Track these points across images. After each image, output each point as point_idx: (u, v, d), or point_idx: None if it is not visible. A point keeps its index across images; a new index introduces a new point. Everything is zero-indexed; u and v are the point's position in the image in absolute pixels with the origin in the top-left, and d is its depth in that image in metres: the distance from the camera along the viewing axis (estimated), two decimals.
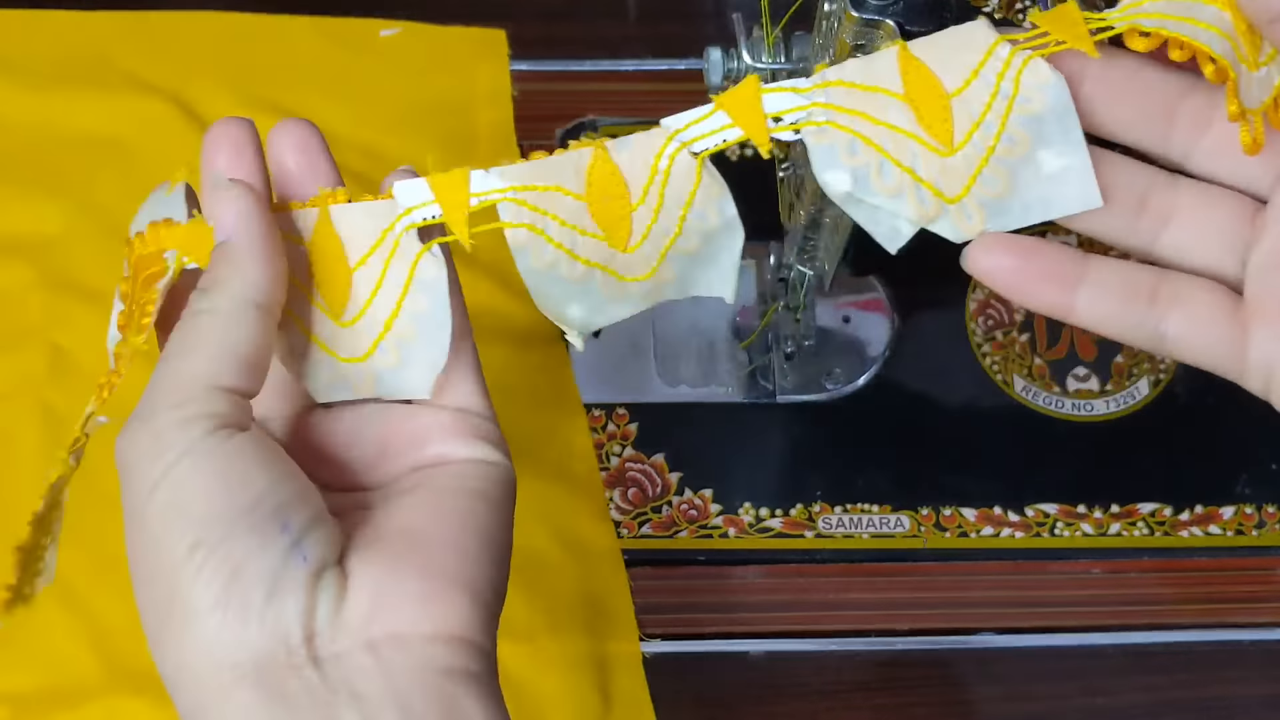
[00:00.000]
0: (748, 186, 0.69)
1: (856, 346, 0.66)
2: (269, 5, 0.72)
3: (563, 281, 0.38)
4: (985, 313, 0.67)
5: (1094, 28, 0.37)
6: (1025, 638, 0.61)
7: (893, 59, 0.39)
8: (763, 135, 0.39)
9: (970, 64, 0.38)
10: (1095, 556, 0.62)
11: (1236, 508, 0.63)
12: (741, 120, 0.40)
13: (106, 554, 0.56)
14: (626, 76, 0.73)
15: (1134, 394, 0.66)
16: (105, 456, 0.37)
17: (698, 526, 0.63)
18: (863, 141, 0.38)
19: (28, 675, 0.59)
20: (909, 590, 0.62)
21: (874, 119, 0.38)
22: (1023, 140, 0.38)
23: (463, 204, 0.38)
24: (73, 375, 0.63)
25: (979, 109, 0.38)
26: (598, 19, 0.75)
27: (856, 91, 0.39)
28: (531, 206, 0.38)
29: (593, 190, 0.39)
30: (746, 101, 0.40)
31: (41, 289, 0.65)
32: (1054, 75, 0.37)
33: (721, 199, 0.40)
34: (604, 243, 0.39)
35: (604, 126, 0.71)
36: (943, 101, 0.38)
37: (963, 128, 0.38)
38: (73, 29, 0.71)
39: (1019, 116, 0.38)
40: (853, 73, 0.39)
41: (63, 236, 0.66)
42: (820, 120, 0.39)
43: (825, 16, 0.51)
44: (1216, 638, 0.62)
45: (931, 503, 0.63)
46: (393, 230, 0.38)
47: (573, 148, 0.39)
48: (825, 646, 0.60)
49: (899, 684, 0.60)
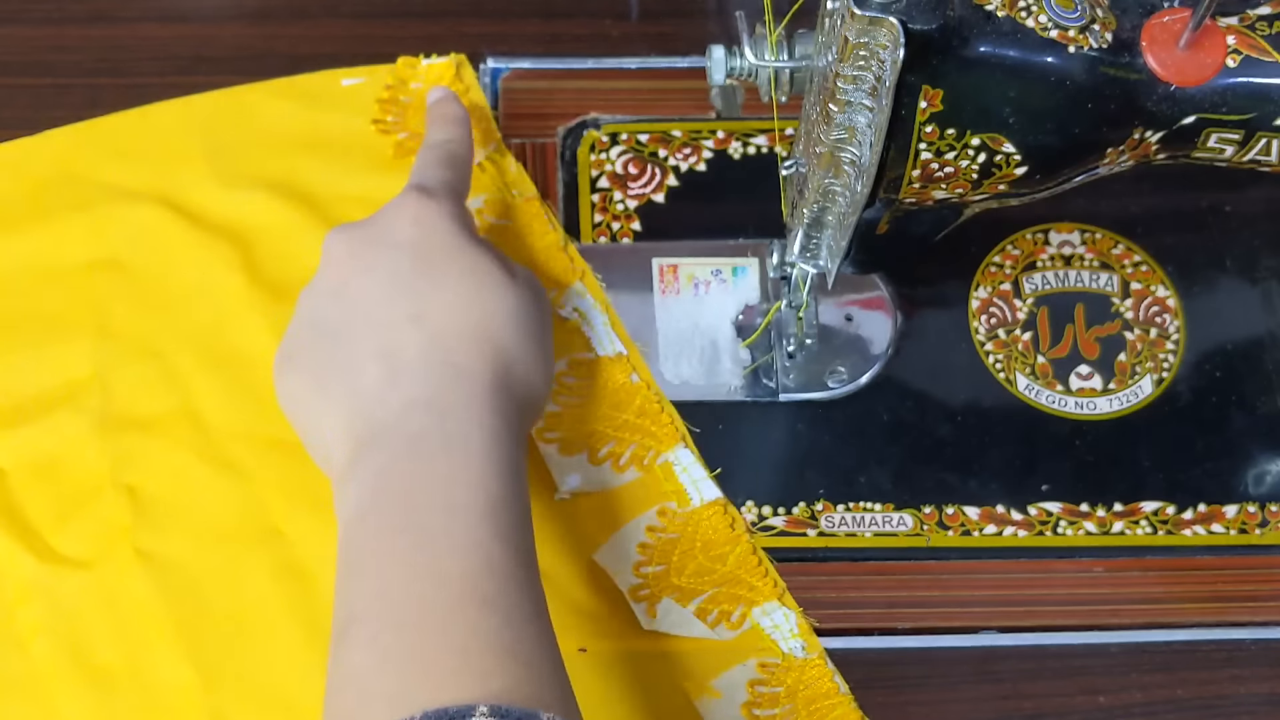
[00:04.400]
0: (751, 184, 0.69)
1: (859, 345, 0.66)
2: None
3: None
4: (988, 311, 0.67)
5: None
6: (1028, 636, 0.61)
7: None
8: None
9: None
10: (1098, 555, 0.62)
11: (1239, 506, 0.63)
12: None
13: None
14: (629, 75, 0.73)
15: (1137, 392, 0.65)
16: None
17: None
18: None
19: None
20: (911, 589, 0.62)
21: None
22: None
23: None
24: (156, 512, 0.60)
25: None
26: (600, 17, 0.75)
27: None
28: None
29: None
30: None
31: (97, 435, 0.62)
32: None
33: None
34: None
35: (606, 125, 0.71)
36: None
37: None
38: (33, 155, 0.68)
39: None
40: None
41: (97, 375, 0.63)
42: None
43: (828, 14, 0.51)
44: (1219, 636, 0.62)
45: (934, 501, 0.63)
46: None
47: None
48: (827, 644, 0.60)
49: (901, 682, 0.60)
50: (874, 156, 0.51)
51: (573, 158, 0.70)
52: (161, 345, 0.64)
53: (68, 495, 0.61)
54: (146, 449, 0.62)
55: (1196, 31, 0.50)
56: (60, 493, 0.61)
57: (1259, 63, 0.51)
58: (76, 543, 0.60)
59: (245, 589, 0.59)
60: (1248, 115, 0.51)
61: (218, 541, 0.60)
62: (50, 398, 0.63)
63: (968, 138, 0.50)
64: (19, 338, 0.64)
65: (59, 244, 0.66)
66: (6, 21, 0.74)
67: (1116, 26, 0.51)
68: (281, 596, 0.59)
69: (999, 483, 0.63)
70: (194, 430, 0.62)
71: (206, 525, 0.60)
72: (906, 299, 0.67)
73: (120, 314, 0.65)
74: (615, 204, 0.69)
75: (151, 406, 0.63)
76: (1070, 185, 0.54)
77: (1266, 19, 0.51)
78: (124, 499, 0.61)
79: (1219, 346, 0.67)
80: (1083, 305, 0.67)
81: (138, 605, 0.59)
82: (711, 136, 0.70)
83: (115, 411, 0.63)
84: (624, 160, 0.70)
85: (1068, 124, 0.51)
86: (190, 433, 0.62)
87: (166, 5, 0.75)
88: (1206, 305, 0.67)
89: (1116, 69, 0.50)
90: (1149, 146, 0.53)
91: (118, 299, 0.65)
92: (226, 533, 0.60)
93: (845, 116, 0.51)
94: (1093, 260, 0.68)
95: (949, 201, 0.54)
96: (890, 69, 0.48)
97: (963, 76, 0.49)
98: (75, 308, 0.65)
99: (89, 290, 0.65)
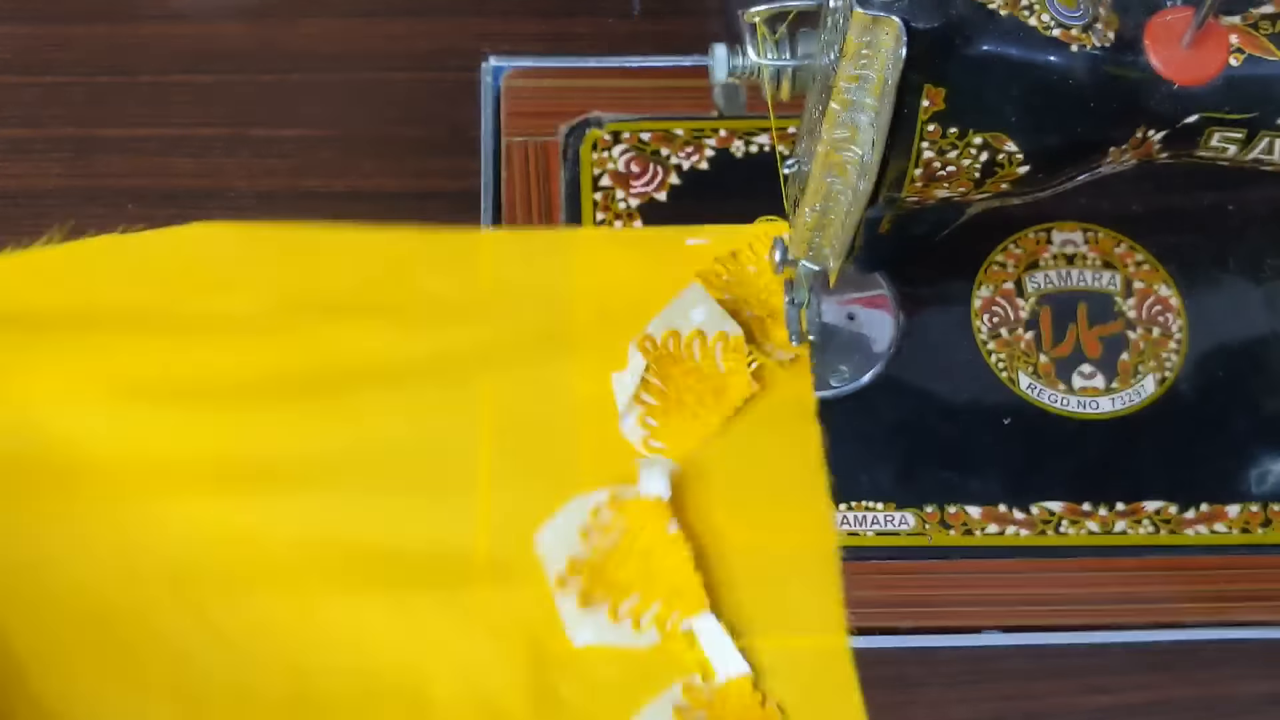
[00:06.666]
0: (753, 182, 0.69)
1: (861, 343, 0.66)
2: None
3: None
4: (990, 310, 0.67)
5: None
6: (1029, 636, 0.61)
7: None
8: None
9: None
10: (1100, 554, 0.62)
11: (1242, 506, 0.63)
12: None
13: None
14: (631, 73, 0.73)
15: (1140, 391, 0.65)
16: None
17: None
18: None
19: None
20: (913, 588, 0.62)
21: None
22: None
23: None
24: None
25: None
26: (602, 15, 0.75)
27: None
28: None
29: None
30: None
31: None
32: None
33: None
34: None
35: (608, 123, 0.71)
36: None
37: None
38: (378, 247, 0.66)
39: None
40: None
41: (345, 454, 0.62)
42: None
43: (831, 13, 0.51)
44: (1221, 636, 0.61)
45: (936, 500, 0.63)
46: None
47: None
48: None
49: (902, 682, 0.60)
50: (876, 155, 0.51)
51: (575, 156, 0.70)
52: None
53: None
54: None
55: (1199, 30, 0.50)
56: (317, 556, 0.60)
57: (1262, 61, 0.51)
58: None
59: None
60: (1250, 114, 0.51)
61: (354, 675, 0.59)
62: (311, 467, 0.62)
63: (970, 137, 0.50)
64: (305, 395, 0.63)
65: (366, 339, 0.64)
66: (8, 19, 0.74)
67: (1119, 25, 0.51)
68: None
69: (1001, 482, 0.63)
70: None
71: (355, 652, 0.59)
72: (909, 298, 0.67)
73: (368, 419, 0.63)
74: (617, 202, 0.69)
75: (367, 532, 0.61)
76: (1072, 184, 0.54)
77: (1269, 18, 0.51)
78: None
79: (1222, 346, 0.67)
80: (1085, 304, 0.67)
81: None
82: (714, 135, 0.70)
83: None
84: (626, 159, 0.70)
85: (1070, 123, 0.51)
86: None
87: (168, 4, 0.75)
88: (1209, 304, 0.67)
89: (1119, 68, 0.50)
90: (1151, 145, 0.53)
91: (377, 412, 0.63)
92: (369, 678, 0.59)
93: (847, 115, 0.51)
94: (1095, 259, 0.68)
95: (951, 200, 0.54)
96: (892, 68, 0.48)
97: (965, 75, 0.49)
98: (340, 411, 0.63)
99: (356, 399, 0.63)
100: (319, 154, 0.71)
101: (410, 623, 0.59)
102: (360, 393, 0.63)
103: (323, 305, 0.65)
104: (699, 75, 0.70)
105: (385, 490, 0.61)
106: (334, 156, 0.71)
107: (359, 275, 0.66)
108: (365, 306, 0.65)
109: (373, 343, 0.64)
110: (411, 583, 0.60)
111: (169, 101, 0.72)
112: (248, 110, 0.72)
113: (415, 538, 0.60)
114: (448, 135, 0.72)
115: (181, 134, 0.71)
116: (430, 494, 0.61)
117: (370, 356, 0.64)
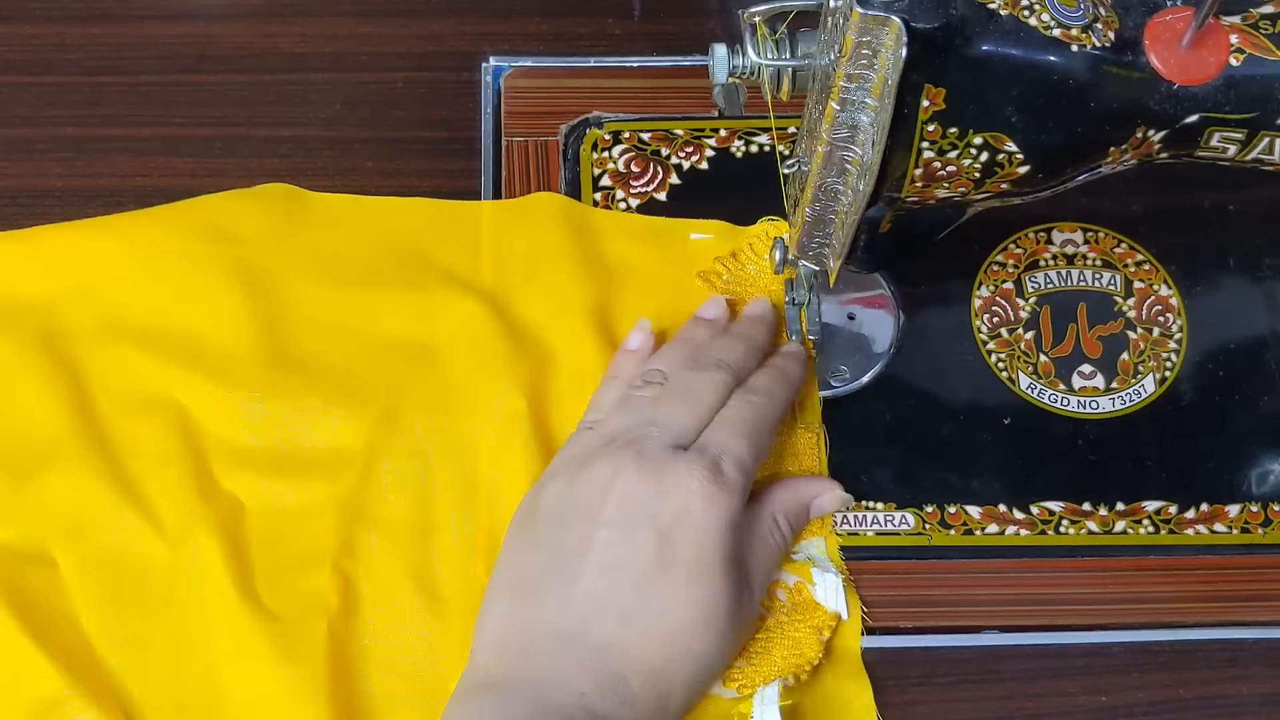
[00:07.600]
0: (753, 182, 0.69)
1: (862, 343, 0.66)
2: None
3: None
4: (990, 310, 0.67)
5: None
6: (1030, 636, 0.61)
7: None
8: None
9: None
10: (1100, 554, 0.62)
11: (1242, 506, 0.63)
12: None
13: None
14: (631, 73, 0.73)
15: (1140, 391, 0.65)
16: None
17: None
18: None
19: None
20: (913, 588, 0.62)
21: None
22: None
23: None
24: (358, 608, 0.59)
25: None
26: (602, 15, 0.75)
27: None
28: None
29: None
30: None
31: (338, 513, 0.61)
32: None
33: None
34: None
35: (608, 123, 0.71)
36: None
37: None
38: (389, 216, 0.68)
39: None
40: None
41: (363, 455, 0.62)
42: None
43: (831, 13, 0.51)
44: (1221, 636, 0.61)
45: (936, 500, 0.63)
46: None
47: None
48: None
49: (902, 682, 0.60)
50: (876, 155, 0.51)
51: (575, 156, 0.70)
52: (432, 452, 0.63)
53: (288, 555, 0.60)
54: (371, 548, 0.61)
55: (1199, 30, 0.50)
56: (282, 551, 0.61)
57: (1262, 61, 0.51)
58: (281, 600, 0.59)
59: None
60: (1250, 114, 0.51)
61: (401, 680, 0.59)
62: (314, 458, 0.62)
63: (970, 137, 0.50)
64: (314, 385, 0.64)
65: (384, 313, 0.65)
66: (8, 19, 0.74)
67: (1119, 25, 0.51)
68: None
69: (1001, 482, 0.63)
70: (417, 550, 0.61)
71: (391, 647, 0.59)
72: (909, 298, 0.67)
73: (412, 403, 0.63)
74: (618, 202, 0.69)
75: (393, 510, 0.62)
76: (1073, 184, 0.54)
77: (1269, 18, 0.51)
78: (333, 580, 0.60)
79: (1221, 346, 0.67)
80: (1085, 304, 0.67)
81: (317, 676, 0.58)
82: (714, 135, 0.70)
83: (362, 500, 0.62)
84: (626, 159, 0.70)
85: (1070, 123, 0.51)
86: (413, 552, 0.61)
87: (168, 4, 0.75)
88: (1209, 304, 0.67)
89: (1119, 68, 0.50)
90: (1152, 145, 0.53)
91: (416, 388, 0.64)
92: (413, 672, 0.59)
93: (848, 115, 0.51)
94: (1095, 259, 0.68)
95: (951, 200, 0.54)
96: (893, 68, 0.48)
97: (965, 75, 0.49)
98: (376, 380, 0.64)
99: (394, 368, 0.64)
100: (319, 154, 0.71)
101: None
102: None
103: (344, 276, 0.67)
104: (699, 75, 0.71)
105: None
106: (334, 156, 0.71)
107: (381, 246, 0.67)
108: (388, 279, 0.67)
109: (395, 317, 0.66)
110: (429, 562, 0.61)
111: (169, 101, 0.72)
112: (248, 110, 0.72)
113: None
114: (448, 135, 0.72)
115: (181, 134, 0.71)
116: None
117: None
